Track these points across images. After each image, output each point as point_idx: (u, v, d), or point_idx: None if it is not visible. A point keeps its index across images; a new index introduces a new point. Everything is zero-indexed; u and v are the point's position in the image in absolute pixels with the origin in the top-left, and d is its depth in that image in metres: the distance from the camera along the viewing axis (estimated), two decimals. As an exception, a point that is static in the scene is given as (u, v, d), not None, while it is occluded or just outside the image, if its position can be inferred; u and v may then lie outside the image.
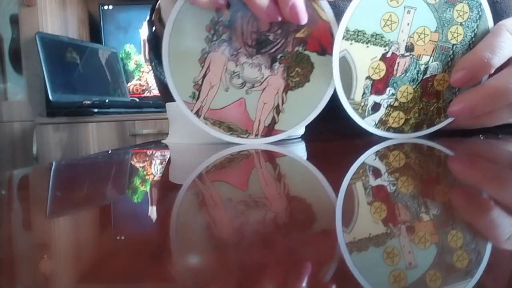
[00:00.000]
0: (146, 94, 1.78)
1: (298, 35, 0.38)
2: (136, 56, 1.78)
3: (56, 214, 0.18)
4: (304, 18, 0.35)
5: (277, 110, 0.39)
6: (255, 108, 0.38)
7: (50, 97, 1.42)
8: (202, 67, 0.37)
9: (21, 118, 1.54)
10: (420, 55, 0.39)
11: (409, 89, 0.39)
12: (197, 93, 0.38)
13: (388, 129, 0.40)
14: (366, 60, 0.38)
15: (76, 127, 1.44)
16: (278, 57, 0.38)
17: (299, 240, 0.12)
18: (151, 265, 0.12)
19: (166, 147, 0.44)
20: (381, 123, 0.40)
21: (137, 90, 1.78)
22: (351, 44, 0.38)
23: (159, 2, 0.50)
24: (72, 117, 1.44)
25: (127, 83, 1.77)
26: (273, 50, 0.38)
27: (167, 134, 0.45)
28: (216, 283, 0.10)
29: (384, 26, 0.38)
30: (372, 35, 0.38)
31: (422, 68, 0.39)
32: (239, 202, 0.13)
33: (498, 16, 0.43)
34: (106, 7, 1.76)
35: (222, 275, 0.11)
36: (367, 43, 0.38)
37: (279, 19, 0.36)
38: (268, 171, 0.22)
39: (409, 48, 0.39)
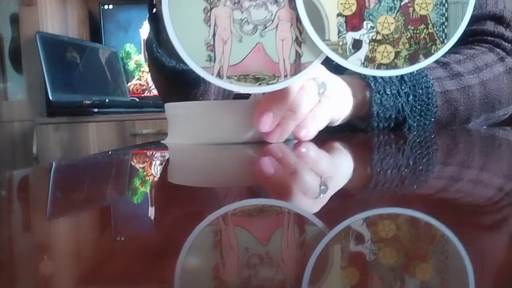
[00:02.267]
0: (146, 94, 1.78)
1: None
2: (136, 56, 1.78)
3: (56, 215, 0.18)
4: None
5: (298, 42, 0.37)
6: (274, 48, 0.36)
7: (50, 97, 1.42)
8: (209, 26, 0.36)
9: (21, 118, 1.54)
10: None
11: (388, 19, 0.37)
12: (212, 54, 0.36)
13: (379, 66, 0.37)
14: None
15: (76, 127, 1.44)
16: None
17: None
18: (150, 266, 0.12)
19: (165, 147, 0.44)
20: (369, 61, 0.37)
21: (137, 90, 1.78)
22: None
23: None
24: (72, 117, 1.44)
25: (127, 83, 1.77)
26: None
27: (167, 134, 0.45)
28: None
29: None
30: None
31: None
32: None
33: None
34: (106, 6, 1.76)
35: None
36: None
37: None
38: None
39: None
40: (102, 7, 1.76)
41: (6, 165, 1.51)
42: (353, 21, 0.37)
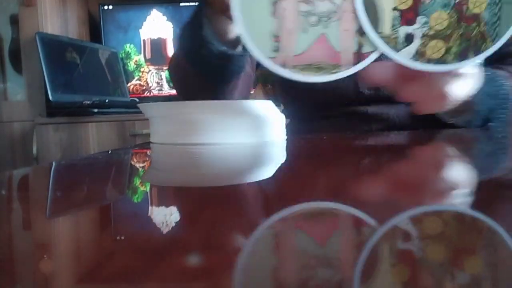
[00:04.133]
0: (146, 94, 1.78)
1: None
2: (136, 56, 1.78)
3: (56, 214, 0.18)
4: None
5: (360, 32, 0.37)
6: (337, 39, 0.37)
7: (50, 97, 1.42)
8: (276, 18, 0.37)
9: (21, 118, 1.54)
10: None
11: (442, 15, 0.37)
12: (278, 45, 0.37)
13: (428, 61, 0.38)
14: None
15: (76, 127, 1.44)
16: None
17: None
18: (151, 266, 0.12)
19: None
20: (419, 55, 0.38)
21: (137, 90, 1.78)
22: None
23: None
24: (72, 117, 1.44)
25: (127, 83, 1.77)
26: None
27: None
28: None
29: None
30: None
31: None
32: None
33: None
34: (106, 7, 1.76)
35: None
36: None
37: None
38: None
39: None
40: (102, 8, 1.76)
41: (6, 165, 1.51)
42: (408, 16, 0.37)
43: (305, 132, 0.62)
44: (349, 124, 0.61)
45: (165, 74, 1.76)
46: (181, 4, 1.75)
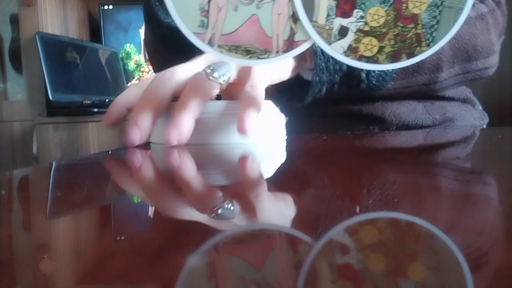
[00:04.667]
0: (146, 94, 1.78)
1: None
2: (136, 56, 1.78)
3: (56, 214, 0.18)
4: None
5: (294, 18, 0.35)
6: (270, 22, 0.35)
7: (50, 97, 1.42)
8: None
9: (21, 118, 1.54)
10: None
11: (380, 11, 0.35)
12: (205, 20, 0.35)
13: (360, 58, 0.36)
14: None
15: (76, 127, 1.44)
16: None
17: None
18: (151, 266, 0.12)
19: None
20: (351, 51, 0.36)
21: (137, 90, 1.78)
22: None
23: None
24: (72, 117, 1.44)
25: (127, 83, 1.77)
26: None
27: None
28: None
29: None
30: None
31: None
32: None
33: None
34: (106, 7, 1.76)
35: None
36: None
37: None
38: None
39: None
40: (102, 7, 1.76)
41: (6, 165, 1.51)
42: (344, 7, 0.35)
43: (302, 131, 0.62)
44: (346, 124, 0.60)
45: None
46: (181, 4, 1.75)
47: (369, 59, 0.36)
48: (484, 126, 0.67)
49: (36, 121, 1.46)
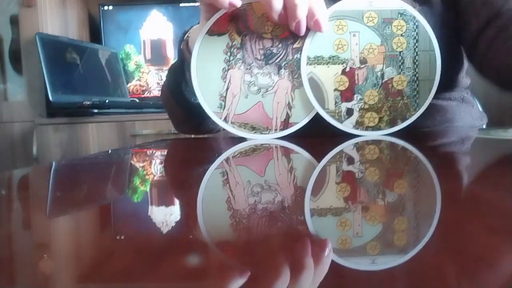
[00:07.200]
0: (146, 94, 1.78)
1: (295, 45, 0.47)
2: (136, 57, 1.78)
3: (56, 213, 0.18)
4: (303, 32, 0.46)
5: (289, 106, 0.48)
6: (271, 108, 0.48)
7: (50, 98, 1.42)
8: (225, 82, 0.47)
9: (21, 118, 1.54)
10: (374, 65, 0.48)
11: (373, 93, 0.48)
12: (223, 103, 0.47)
13: (366, 128, 0.49)
14: (330, 77, 0.48)
15: (76, 128, 1.44)
16: (283, 64, 0.47)
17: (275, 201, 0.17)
18: (151, 265, 0.12)
19: (165, 146, 0.44)
20: (359, 124, 0.49)
21: (137, 90, 1.78)
22: (314, 67, 0.47)
23: (187, 34, 0.58)
24: (72, 118, 1.44)
25: (127, 84, 1.77)
26: (278, 60, 0.47)
27: (167, 134, 0.46)
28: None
29: (337, 49, 0.48)
30: (329, 58, 0.48)
31: (379, 74, 0.48)
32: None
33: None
34: (106, 7, 1.76)
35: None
36: (327, 64, 0.48)
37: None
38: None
39: (363, 61, 0.48)
40: (102, 8, 1.76)
41: (6, 165, 1.51)
42: (347, 94, 0.48)
43: (299, 133, 0.63)
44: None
45: (165, 75, 1.75)
46: (181, 4, 1.75)
47: (374, 128, 0.49)
48: (484, 126, 0.67)
49: (36, 122, 1.45)
